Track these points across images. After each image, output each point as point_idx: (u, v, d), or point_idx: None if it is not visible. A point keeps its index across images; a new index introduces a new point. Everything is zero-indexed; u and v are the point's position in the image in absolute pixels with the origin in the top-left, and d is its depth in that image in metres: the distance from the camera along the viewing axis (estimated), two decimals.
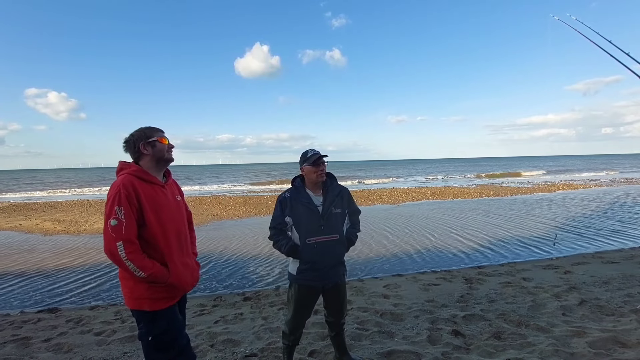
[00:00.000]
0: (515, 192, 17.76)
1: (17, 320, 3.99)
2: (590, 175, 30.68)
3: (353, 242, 2.49)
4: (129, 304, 1.80)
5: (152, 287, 1.76)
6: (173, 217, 1.89)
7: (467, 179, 32.26)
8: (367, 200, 15.56)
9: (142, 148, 1.88)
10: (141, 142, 1.88)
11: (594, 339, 2.85)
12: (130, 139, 1.91)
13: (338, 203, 2.39)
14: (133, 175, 1.80)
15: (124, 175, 1.81)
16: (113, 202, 1.70)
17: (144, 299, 1.76)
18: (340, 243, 2.39)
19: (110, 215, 1.68)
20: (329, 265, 2.36)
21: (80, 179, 52.14)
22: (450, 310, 3.67)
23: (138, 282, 1.75)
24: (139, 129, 1.94)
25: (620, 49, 3.66)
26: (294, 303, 2.41)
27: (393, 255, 6.74)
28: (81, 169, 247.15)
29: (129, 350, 3.12)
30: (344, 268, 2.49)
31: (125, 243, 1.67)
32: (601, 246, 6.89)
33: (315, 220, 2.31)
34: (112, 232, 1.66)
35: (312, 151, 2.38)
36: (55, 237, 9.38)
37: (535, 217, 10.39)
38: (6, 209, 15.47)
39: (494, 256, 6.49)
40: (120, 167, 1.88)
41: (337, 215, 2.39)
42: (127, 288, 1.79)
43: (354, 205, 2.53)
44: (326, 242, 2.32)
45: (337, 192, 2.42)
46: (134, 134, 1.92)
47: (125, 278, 1.79)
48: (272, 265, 6.28)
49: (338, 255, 2.41)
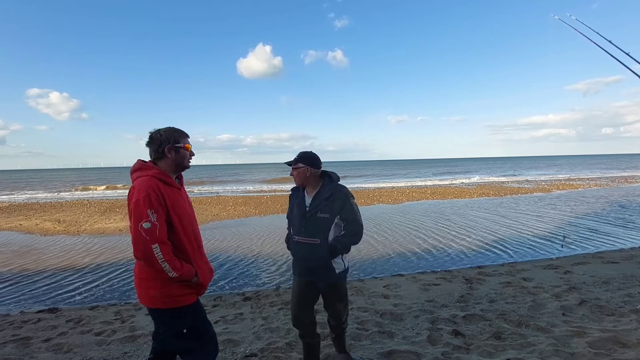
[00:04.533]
0: (515, 192, 17.76)
1: (17, 320, 3.99)
2: (590, 175, 30.68)
3: (338, 251, 2.28)
4: (155, 303, 1.79)
5: (181, 285, 1.82)
6: (190, 219, 1.93)
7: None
8: (367, 200, 15.57)
9: (167, 151, 1.87)
10: (168, 145, 1.87)
11: (594, 339, 2.84)
12: (157, 137, 1.87)
13: (326, 207, 2.28)
14: (156, 178, 1.80)
15: (148, 177, 1.78)
16: (144, 204, 1.69)
17: (175, 297, 1.81)
18: (321, 248, 2.27)
19: (143, 218, 1.68)
20: (308, 265, 2.37)
21: (81, 179, 52.13)
22: (450, 310, 3.67)
23: (167, 282, 1.77)
24: (168, 129, 1.90)
25: (621, 49, 3.66)
26: (291, 291, 2.53)
27: (393, 255, 6.74)
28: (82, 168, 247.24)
29: (129, 350, 3.12)
30: (327, 274, 2.33)
31: (160, 245, 1.70)
32: (601, 246, 6.89)
33: (299, 220, 2.37)
34: (146, 235, 1.67)
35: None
36: (55, 237, 9.38)
37: (536, 217, 10.39)
38: (6, 209, 15.48)
39: (494, 256, 6.49)
40: (138, 166, 1.84)
41: (323, 220, 2.28)
42: (153, 289, 1.78)
43: (350, 214, 2.29)
44: (305, 244, 2.34)
45: (326, 196, 2.29)
46: (162, 134, 1.88)
47: (151, 279, 1.77)
48: (272, 265, 6.28)
49: (317, 259, 2.30)
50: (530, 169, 45.30)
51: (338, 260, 2.36)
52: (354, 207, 2.31)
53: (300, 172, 2.36)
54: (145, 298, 1.81)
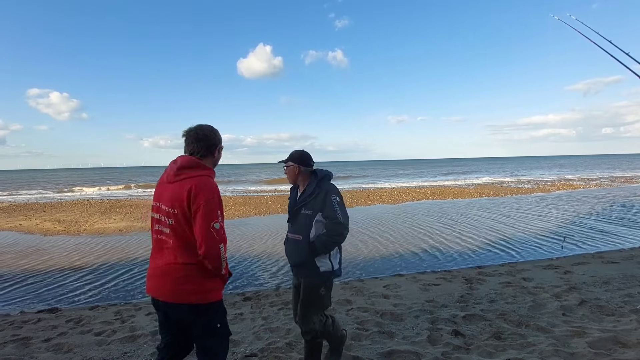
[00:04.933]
0: (515, 192, 17.76)
1: (17, 320, 3.99)
2: (590, 175, 30.67)
3: (317, 250, 2.24)
4: (197, 299, 1.77)
5: (214, 280, 1.84)
6: None
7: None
8: (367, 200, 15.57)
9: (217, 151, 1.91)
10: (219, 145, 1.92)
11: (594, 339, 2.84)
12: (212, 135, 1.88)
13: (310, 204, 2.30)
14: (212, 179, 1.85)
15: (211, 179, 1.83)
16: (215, 205, 1.73)
17: (214, 290, 1.84)
18: (303, 245, 2.28)
19: (214, 219, 1.72)
20: (293, 263, 2.43)
21: (81, 179, 52.14)
22: (450, 310, 3.67)
23: (207, 277, 1.80)
24: (213, 129, 1.91)
25: (621, 49, 3.66)
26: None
27: (393, 255, 6.74)
28: (82, 168, 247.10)
29: (129, 350, 3.12)
30: (308, 272, 2.30)
31: (224, 244, 1.78)
32: (601, 246, 6.89)
33: (289, 215, 2.47)
34: (216, 235, 1.73)
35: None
36: (55, 237, 9.39)
37: (536, 217, 10.39)
38: (6, 209, 15.48)
39: (494, 256, 6.49)
40: (195, 163, 1.82)
41: (305, 217, 2.30)
42: (198, 284, 1.78)
43: (331, 211, 2.23)
44: (292, 240, 2.40)
45: (310, 192, 2.31)
46: (215, 133, 1.90)
47: (197, 275, 1.78)
48: (272, 265, 6.28)
49: (299, 255, 2.32)
50: (533, 169, 45.28)
51: (324, 259, 2.30)
52: (334, 205, 2.24)
53: (290, 170, 2.43)
54: (187, 294, 1.76)
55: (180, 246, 1.76)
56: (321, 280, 2.32)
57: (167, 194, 1.79)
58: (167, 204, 1.77)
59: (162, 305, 1.82)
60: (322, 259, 2.30)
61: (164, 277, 1.80)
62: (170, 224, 1.75)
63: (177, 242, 1.76)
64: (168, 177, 1.83)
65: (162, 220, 1.80)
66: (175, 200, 1.74)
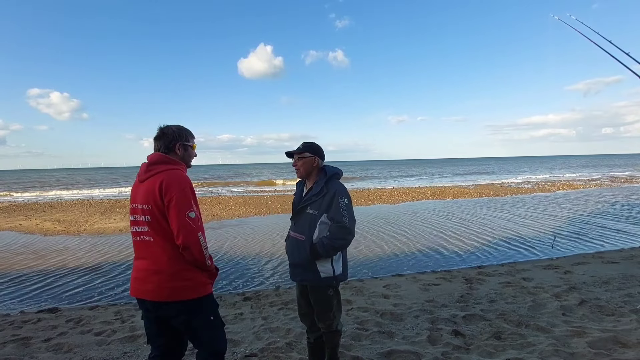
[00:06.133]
0: (515, 192, 17.77)
1: (17, 320, 3.99)
2: (590, 175, 30.67)
3: (318, 253, 2.12)
4: (189, 294, 1.77)
5: (204, 273, 1.86)
6: None
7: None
8: (367, 200, 15.57)
9: (176, 147, 1.90)
10: (179, 142, 1.90)
11: (594, 339, 2.84)
12: (169, 132, 1.90)
13: (316, 204, 2.17)
14: (184, 172, 1.89)
15: (182, 172, 1.85)
16: (187, 195, 1.76)
17: (204, 284, 1.85)
18: (304, 245, 2.16)
19: (188, 208, 1.74)
20: (293, 263, 2.30)
21: (81, 179, 52.15)
22: (450, 310, 3.67)
23: (196, 271, 1.82)
24: (179, 127, 1.94)
25: (621, 49, 3.65)
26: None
27: (393, 255, 6.74)
28: (82, 168, 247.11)
29: (129, 350, 3.12)
30: (315, 275, 2.18)
31: (202, 234, 1.79)
32: (601, 246, 6.89)
33: (293, 213, 2.35)
34: (192, 224, 1.74)
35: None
36: (55, 237, 9.39)
37: (536, 217, 10.39)
38: (6, 209, 15.48)
39: (494, 256, 6.48)
40: (165, 159, 1.85)
41: (310, 217, 2.18)
42: (188, 280, 1.78)
43: (337, 213, 2.11)
44: (293, 239, 2.27)
45: (318, 191, 2.17)
46: (173, 129, 1.91)
47: (184, 270, 1.77)
48: (272, 265, 6.28)
49: (299, 256, 2.20)
50: (534, 169, 45.25)
51: (325, 264, 2.18)
52: (341, 208, 2.11)
53: (306, 162, 2.24)
54: (177, 291, 1.75)
55: (161, 243, 1.76)
56: (325, 285, 2.23)
57: (141, 193, 1.80)
58: (141, 202, 1.78)
59: (150, 305, 1.79)
60: (324, 263, 2.18)
61: (149, 277, 1.78)
62: (147, 220, 1.76)
63: (157, 239, 1.76)
64: (140, 177, 1.85)
65: (139, 221, 1.80)
66: (149, 196, 1.75)
